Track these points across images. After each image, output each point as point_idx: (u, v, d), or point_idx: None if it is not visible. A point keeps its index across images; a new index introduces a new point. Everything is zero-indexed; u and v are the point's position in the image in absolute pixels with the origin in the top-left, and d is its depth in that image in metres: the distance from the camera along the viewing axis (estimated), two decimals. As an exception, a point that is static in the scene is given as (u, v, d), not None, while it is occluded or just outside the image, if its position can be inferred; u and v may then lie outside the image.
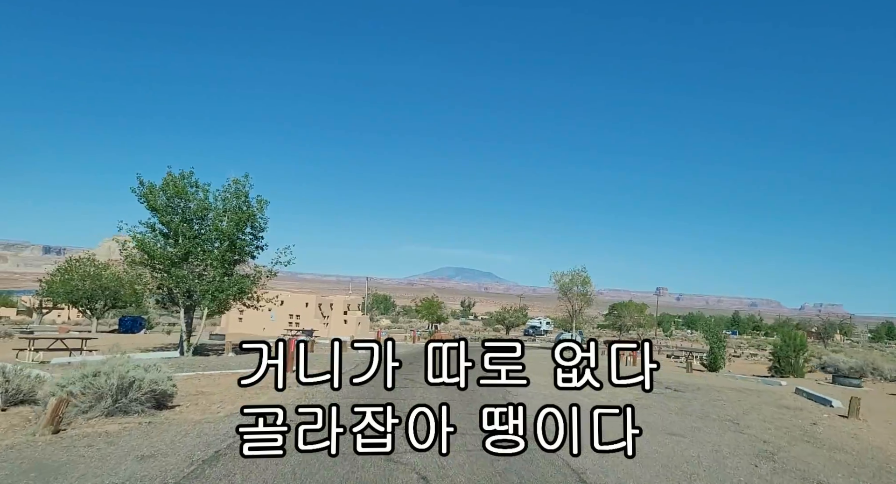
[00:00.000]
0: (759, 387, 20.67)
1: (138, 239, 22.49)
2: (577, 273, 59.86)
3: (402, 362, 5.58)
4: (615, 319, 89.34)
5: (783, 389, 19.76)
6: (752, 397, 16.55)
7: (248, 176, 24.33)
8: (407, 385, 13.72)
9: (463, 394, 6.66)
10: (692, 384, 19.48)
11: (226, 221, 23.83)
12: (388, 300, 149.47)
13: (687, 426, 11.41)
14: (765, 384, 22.11)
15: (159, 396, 10.46)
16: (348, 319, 61.99)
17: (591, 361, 5.17)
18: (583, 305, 60.17)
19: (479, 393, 9.12)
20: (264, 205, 24.81)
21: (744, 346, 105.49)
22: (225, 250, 23.81)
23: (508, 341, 5.42)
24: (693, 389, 18.01)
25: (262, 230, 25.57)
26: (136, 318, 63.60)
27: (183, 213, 23.26)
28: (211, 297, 23.37)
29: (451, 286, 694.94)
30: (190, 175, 23.55)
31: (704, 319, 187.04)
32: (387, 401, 5.29)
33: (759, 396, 17.03)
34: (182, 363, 19.10)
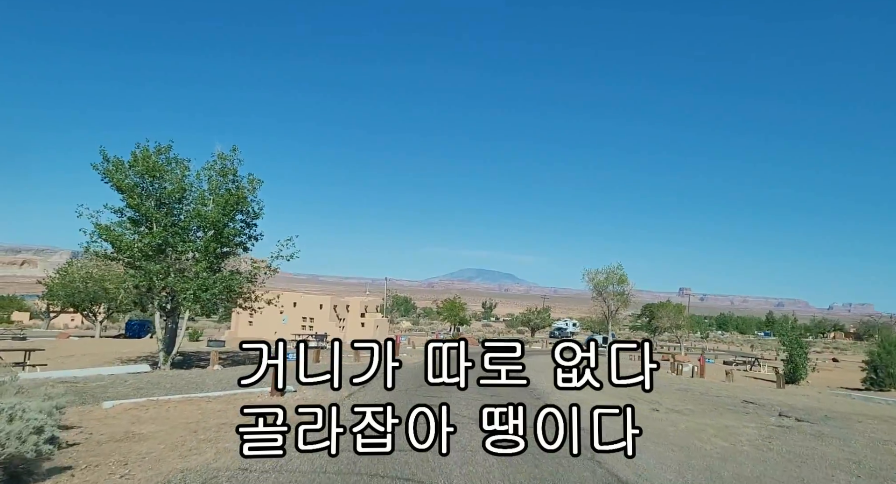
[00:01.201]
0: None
1: (101, 227, 18.36)
2: (612, 271, 55.20)
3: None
4: (648, 321, 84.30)
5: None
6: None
7: (237, 150, 20.19)
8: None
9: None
10: (811, 409, 14.83)
11: (211, 205, 19.67)
12: (409, 302, 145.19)
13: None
14: (888, 404, 17.37)
15: (20, 460, 6.16)
16: (366, 322, 57.79)
17: (590, 361, 5.20)
18: (620, 305, 55.37)
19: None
20: (257, 185, 20.61)
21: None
22: (209, 240, 19.65)
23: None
24: (820, 417, 13.36)
25: (255, 216, 21.39)
26: (143, 322, 60.15)
27: (157, 196, 19.13)
28: (193, 297, 19.19)
29: (471, 288, 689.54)
30: (167, 150, 19.42)
31: (736, 319, 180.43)
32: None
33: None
34: (145, 382, 15.00)
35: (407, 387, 14.09)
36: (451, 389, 5.47)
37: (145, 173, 18.61)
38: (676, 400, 16.46)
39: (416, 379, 8.35)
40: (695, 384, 21.44)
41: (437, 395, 9.95)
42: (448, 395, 9.87)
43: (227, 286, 19.86)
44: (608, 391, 5.61)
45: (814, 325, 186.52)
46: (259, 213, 21.61)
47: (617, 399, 6.79)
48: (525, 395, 10.80)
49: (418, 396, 11.90)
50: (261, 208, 21.62)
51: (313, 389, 13.77)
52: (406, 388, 13.94)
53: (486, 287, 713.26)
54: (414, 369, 12.85)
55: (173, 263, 19.55)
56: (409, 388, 13.99)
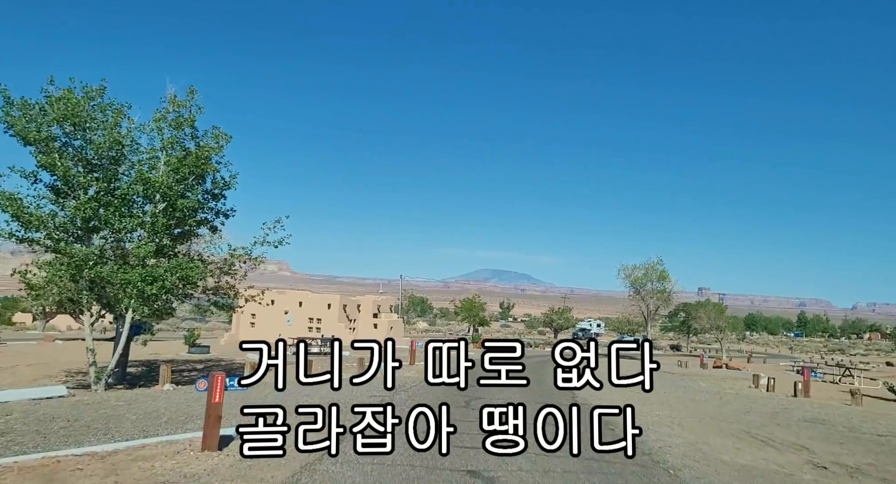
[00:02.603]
0: None
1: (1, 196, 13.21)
2: (651, 266, 49.43)
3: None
4: (682, 321, 78.19)
5: None
6: None
7: (195, 92, 14.93)
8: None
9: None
10: None
11: (161, 168, 14.52)
12: (425, 302, 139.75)
13: None
14: None
15: None
16: (379, 323, 52.49)
17: (590, 361, 5.37)
18: (660, 303, 49.64)
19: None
20: (224, 141, 15.39)
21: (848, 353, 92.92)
22: (158, 215, 14.47)
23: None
24: None
25: (225, 186, 16.21)
26: (141, 323, 55.46)
27: (82, 153, 13.98)
28: (136, 292, 14.00)
29: (488, 288, 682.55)
30: (100, 92, 14.25)
31: (764, 319, 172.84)
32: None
33: None
34: (44, 418, 9.83)
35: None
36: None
37: (64, 120, 13.43)
38: (827, 444, 10.96)
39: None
40: (814, 410, 15.86)
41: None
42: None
43: (183, 277, 14.61)
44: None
45: (847, 325, 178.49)
46: (230, 183, 16.43)
47: (738, 441, 7.89)
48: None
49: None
50: (233, 176, 16.44)
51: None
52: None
53: (502, 287, 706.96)
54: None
55: (107, 248, 14.39)
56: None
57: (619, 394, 18.42)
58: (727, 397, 18.02)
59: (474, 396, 14.74)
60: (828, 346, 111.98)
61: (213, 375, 8.02)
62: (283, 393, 5.56)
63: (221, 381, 7.93)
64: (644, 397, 16.40)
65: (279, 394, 5.62)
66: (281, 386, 5.20)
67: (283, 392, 5.50)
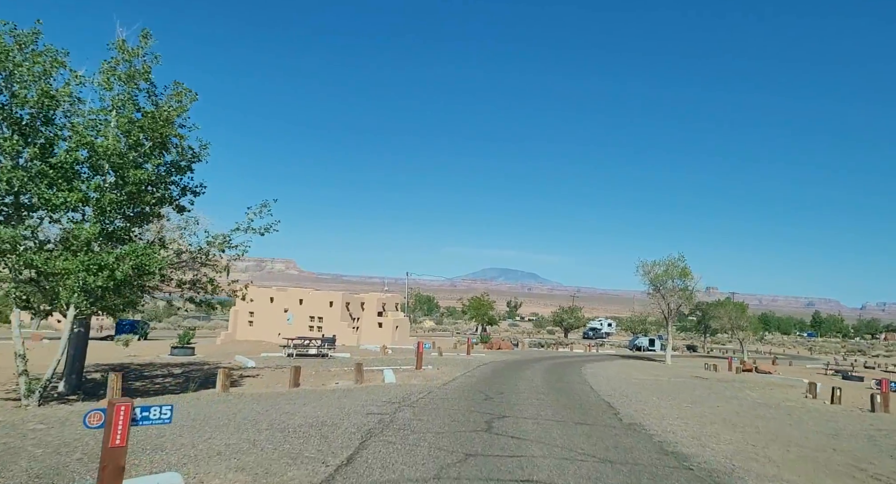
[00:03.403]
0: None
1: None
2: (672, 262, 46.35)
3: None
4: (698, 321, 75.27)
5: None
6: None
7: (150, 37, 12.13)
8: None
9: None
10: None
11: (112, 130, 11.77)
12: (432, 301, 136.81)
13: None
14: None
15: None
16: (383, 322, 49.70)
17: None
18: (682, 302, 46.58)
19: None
20: (188, 100, 12.63)
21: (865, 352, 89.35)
22: (106, 190, 11.72)
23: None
24: None
25: (193, 158, 13.46)
26: (134, 321, 52.88)
27: (9, 112, 11.23)
28: (78, 283, 11.25)
29: (494, 287, 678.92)
30: (32, 37, 11.50)
31: (776, 319, 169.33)
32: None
33: None
34: None
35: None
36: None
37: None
38: None
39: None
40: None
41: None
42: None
43: (137, 266, 11.83)
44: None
45: (861, 325, 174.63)
46: (200, 154, 13.66)
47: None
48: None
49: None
50: (203, 147, 13.67)
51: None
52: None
53: (508, 286, 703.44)
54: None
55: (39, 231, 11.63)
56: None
57: (669, 409, 14.91)
58: (794, 413, 15.13)
59: (498, 412, 11.93)
60: (846, 346, 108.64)
61: (113, 403, 5.23)
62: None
63: (126, 414, 5.16)
64: (698, 414, 13.55)
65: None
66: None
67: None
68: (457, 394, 14.56)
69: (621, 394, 16.83)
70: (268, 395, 13.73)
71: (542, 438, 9.20)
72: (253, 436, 8.70)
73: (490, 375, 21.01)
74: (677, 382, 22.78)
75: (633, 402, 15.08)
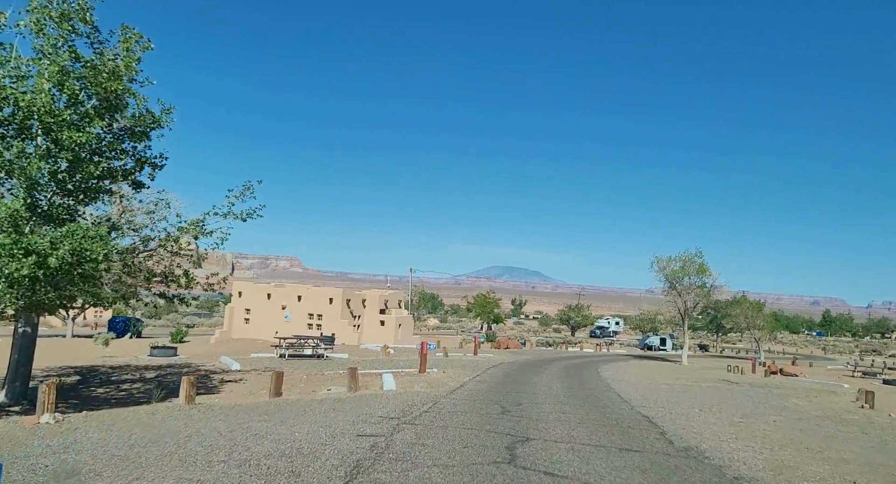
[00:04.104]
0: None
1: None
2: (689, 258, 44.01)
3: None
4: (711, 320, 72.79)
5: None
6: None
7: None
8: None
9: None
10: None
11: (46, 80, 9.53)
12: (436, 299, 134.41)
13: None
14: None
15: None
16: (386, 321, 47.43)
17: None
18: (701, 300, 44.22)
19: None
20: (140, 49, 10.36)
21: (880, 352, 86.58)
22: (32, 156, 9.49)
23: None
24: None
25: (153, 122, 11.21)
26: (128, 318, 50.79)
27: None
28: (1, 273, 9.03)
29: (499, 285, 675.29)
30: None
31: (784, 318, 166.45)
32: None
33: None
34: None
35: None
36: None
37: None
38: None
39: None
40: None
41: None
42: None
43: (76, 251, 9.57)
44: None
45: (871, 324, 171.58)
46: (161, 119, 11.41)
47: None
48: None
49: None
50: (167, 110, 11.41)
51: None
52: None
53: (513, 284, 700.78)
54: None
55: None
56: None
57: (720, 426, 12.21)
58: (867, 430, 12.82)
59: (520, 432, 9.66)
60: (859, 346, 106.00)
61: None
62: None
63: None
64: (758, 433, 11.23)
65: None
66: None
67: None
68: (467, 405, 12.30)
69: (655, 404, 14.55)
70: (241, 407, 11.47)
71: (585, 476, 6.94)
72: (198, 474, 6.45)
73: (502, 380, 18.75)
74: (708, 388, 20.50)
75: (674, 415, 12.79)
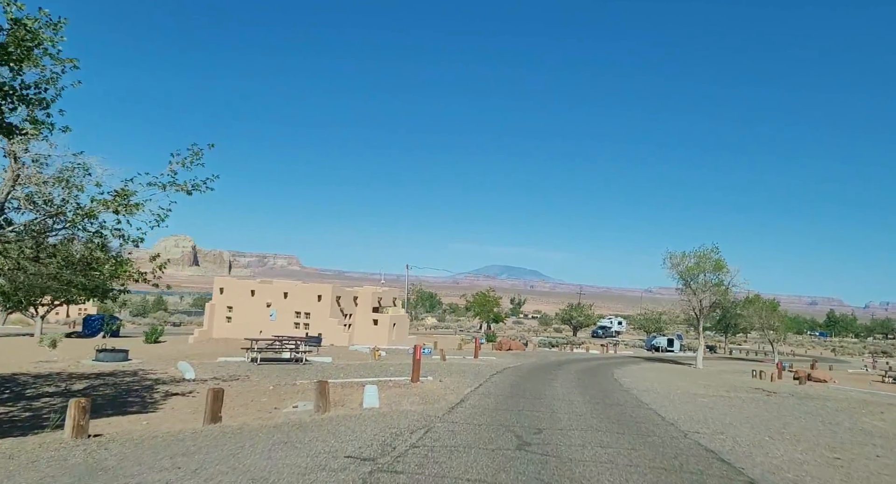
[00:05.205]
0: None
1: None
2: (704, 254, 41.04)
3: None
4: (720, 319, 69.84)
5: None
6: None
7: None
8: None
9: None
10: None
11: None
12: (434, 298, 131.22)
13: None
14: None
15: None
16: (379, 319, 44.35)
17: None
18: (717, 298, 41.26)
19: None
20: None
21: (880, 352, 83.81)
22: None
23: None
24: None
25: (58, 60, 8.13)
26: (103, 316, 47.58)
27: None
28: None
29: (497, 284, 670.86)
30: None
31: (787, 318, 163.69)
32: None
33: None
34: None
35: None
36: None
37: None
38: None
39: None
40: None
41: None
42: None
43: None
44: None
45: (876, 324, 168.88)
46: (54, 41, 8.31)
47: None
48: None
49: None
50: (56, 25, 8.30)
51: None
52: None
53: (511, 284, 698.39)
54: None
55: None
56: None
57: (819, 468, 8.22)
58: None
59: (548, 471, 6.62)
60: (867, 347, 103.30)
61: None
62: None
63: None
64: (868, 478, 8.20)
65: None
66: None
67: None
68: (470, 434, 9.17)
69: (709, 428, 11.45)
70: (155, 441, 8.19)
71: None
72: None
73: (510, 392, 15.65)
74: (748, 400, 17.45)
75: (745, 446, 9.69)
